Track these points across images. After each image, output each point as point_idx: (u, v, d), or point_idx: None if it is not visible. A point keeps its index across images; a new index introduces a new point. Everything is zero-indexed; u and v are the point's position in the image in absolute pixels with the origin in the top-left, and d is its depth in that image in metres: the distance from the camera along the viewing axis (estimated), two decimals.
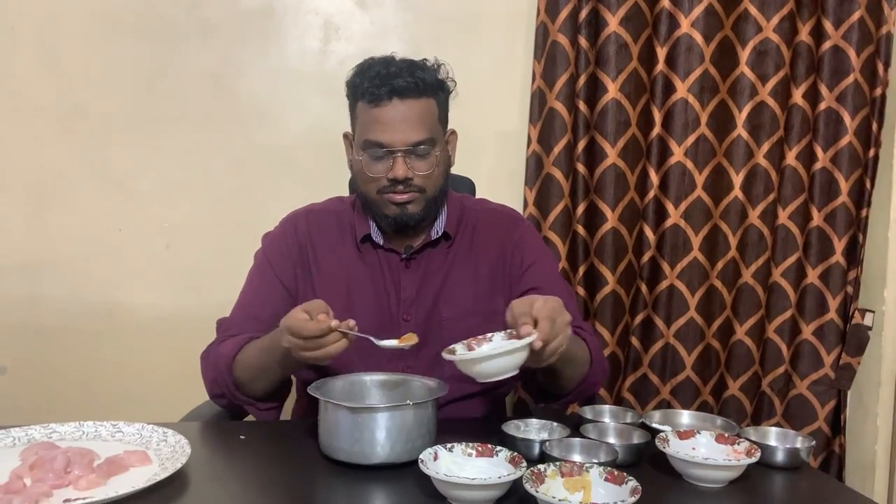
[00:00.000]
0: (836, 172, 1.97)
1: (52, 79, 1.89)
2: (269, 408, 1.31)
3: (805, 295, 2.00)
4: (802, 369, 2.02)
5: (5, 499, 0.88)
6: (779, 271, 2.01)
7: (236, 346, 1.28)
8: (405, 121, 1.28)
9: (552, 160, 1.92)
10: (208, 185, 1.95)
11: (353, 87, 1.31)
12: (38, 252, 1.92)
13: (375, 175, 1.30)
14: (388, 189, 1.30)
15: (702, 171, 1.98)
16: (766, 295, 2.02)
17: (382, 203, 1.32)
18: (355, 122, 1.34)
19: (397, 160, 1.28)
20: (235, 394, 1.28)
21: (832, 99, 1.95)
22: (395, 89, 1.26)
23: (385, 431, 1.03)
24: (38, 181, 1.91)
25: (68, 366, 1.92)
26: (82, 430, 1.13)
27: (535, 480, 0.91)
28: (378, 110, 1.27)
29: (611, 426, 1.17)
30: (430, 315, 1.37)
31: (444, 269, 1.39)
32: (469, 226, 1.43)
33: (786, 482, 1.06)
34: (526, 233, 1.48)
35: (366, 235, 1.39)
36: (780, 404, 2.03)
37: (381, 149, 1.28)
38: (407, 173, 1.28)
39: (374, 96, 1.26)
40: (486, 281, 1.40)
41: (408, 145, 1.28)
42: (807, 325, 2.01)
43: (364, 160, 1.30)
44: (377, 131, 1.27)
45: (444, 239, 1.40)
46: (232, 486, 1.04)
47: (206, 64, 1.92)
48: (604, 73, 1.90)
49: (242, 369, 1.26)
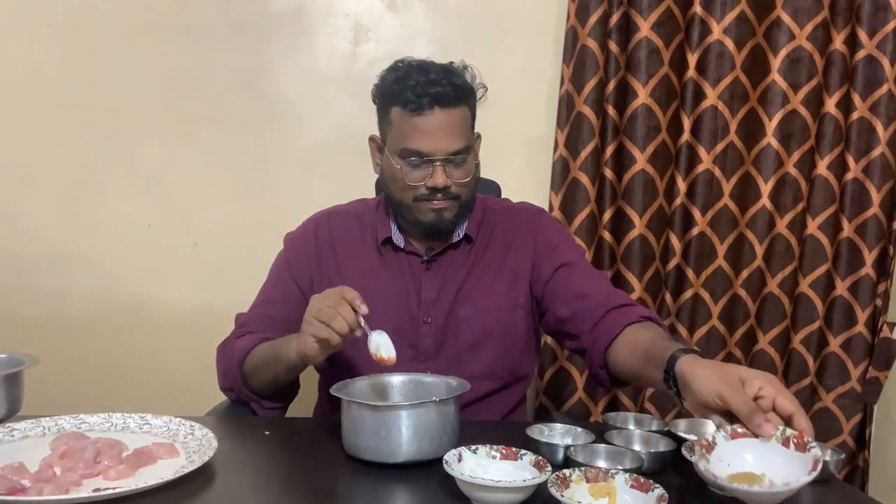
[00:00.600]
0: (867, 183, 1.94)
1: (85, 75, 1.93)
2: (273, 407, 1.34)
3: (833, 307, 1.97)
4: (828, 382, 1.98)
5: (36, 487, 0.90)
6: (806, 282, 1.98)
7: (250, 343, 1.30)
8: (445, 130, 1.27)
9: (579, 165, 1.92)
10: (236, 183, 1.97)
11: (389, 93, 1.29)
12: (67, 247, 1.95)
13: (414, 183, 1.29)
14: (426, 197, 1.30)
15: (729, 179, 1.97)
16: (791, 305, 1.99)
17: (418, 210, 1.32)
18: (388, 128, 1.32)
19: (437, 169, 1.28)
20: (242, 389, 1.30)
21: (865, 108, 1.93)
22: (437, 98, 1.25)
23: (408, 429, 1.03)
24: (68, 176, 1.94)
25: (97, 359, 1.95)
26: (111, 422, 1.14)
27: (560, 485, 0.90)
28: (419, 119, 1.26)
29: (636, 433, 1.16)
30: (448, 316, 1.37)
31: (465, 270, 1.39)
32: (490, 226, 1.43)
33: (814, 495, 1.05)
34: (547, 222, 1.48)
35: (387, 238, 1.39)
36: None
37: (420, 157, 1.28)
38: (446, 182, 1.28)
39: (416, 105, 1.25)
40: (506, 277, 1.40)
41: (447, 154, 1.28)
42: (834, 337, 1.97)
43: (402, 168, 1.29)
44: (417, 140, 1.27)
45: (466, 241, 1.40)
46: (257, 480, 1.05)
47: (236, 64, 1.95)
48: (634, 78, 1.90)
49: (251, 366, 1.29)
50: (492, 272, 1.40)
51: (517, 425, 1.17)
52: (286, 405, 1.37)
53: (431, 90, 1.25)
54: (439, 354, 1.37)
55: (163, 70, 1.94)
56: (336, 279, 1.38)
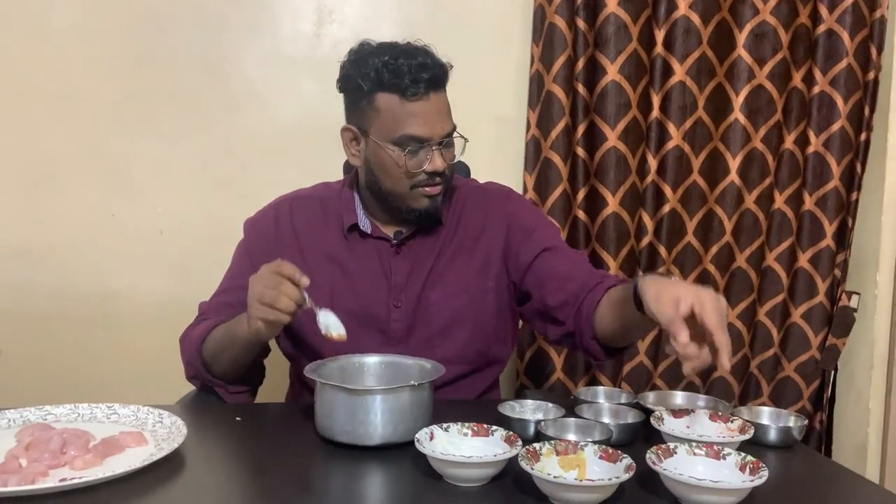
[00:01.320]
0: (828, 156, 1.98)
1: (43, 64, 1.88)
2: (238, 391, 1.32)
3: (796, 279, 2.02)
4: (791, 352, 2.04)
5: (1, 478, 0.88)
6: (772, 256, 2.02)
7: (206, 329, 1.29)
8: (440, 113, 1.28)
9: (550, 144, 1.91)
10: (201, 170, 1.94)
11: (376, 80, 1.25)
12: (30, 238, 1.91)
13: (415, 170, 1.28)
14: (424, 182, 1.29)
15: (698, 156, 1.98)
16: (758, 279, 2.03)
17: (413, 197, 1.31)
18: (373, 115, 1.28)
19: (435, 153, 1.27)
20: (206, 375, 1.29)
21: (826, 83, 1.96)
22: (431, 82, 1.25)
23: (384, 413, 1.03)
24: (29, 167, 1.90)
25: (62, 351, 1.92)
26: (77, 412, 1.13)
27: (530, 459, 0.91)
28: (417, 104, 1.25)
29: (605, 406, 1.17)
30: (419, 299, 1.36)
31: (434, 253, 1.38)
32: (458, 207, 1.42)
33: (778, 460, 1.07)
34: (519, 203, 1.47)
35: (353, 225, 1.38)
36: (768, 386, 2.06)
37: (420, 143, 1.27)
38: (444, 165, 1.28)
39: (413, 91, 1.24)
40: (477, 261, 1.39)
41: (443, 137, 1.28)
42: (796, 308, 2.03)
43: (397, 155, 1.27)
44: (417, 126, 1.26)
45: (435, 223, 1.39)
46: (228, 466, 1.04)
47: (198, 48, 1.91)
48: (603, 55, 1.89)
49: (209, 351, 1.28)
50: (463, 256, 1.39)
51: (490, 403, 1.18)
52: (253, 389, 1.36)
53: (425, 75, 1.24)
54: (410, 338, 1.36)
55: (124, 56, 1.89)
56: (300, 265, 1.34)
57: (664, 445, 0.96)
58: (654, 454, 0.92)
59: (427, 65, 1.25)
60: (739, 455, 0.94)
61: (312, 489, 0.97)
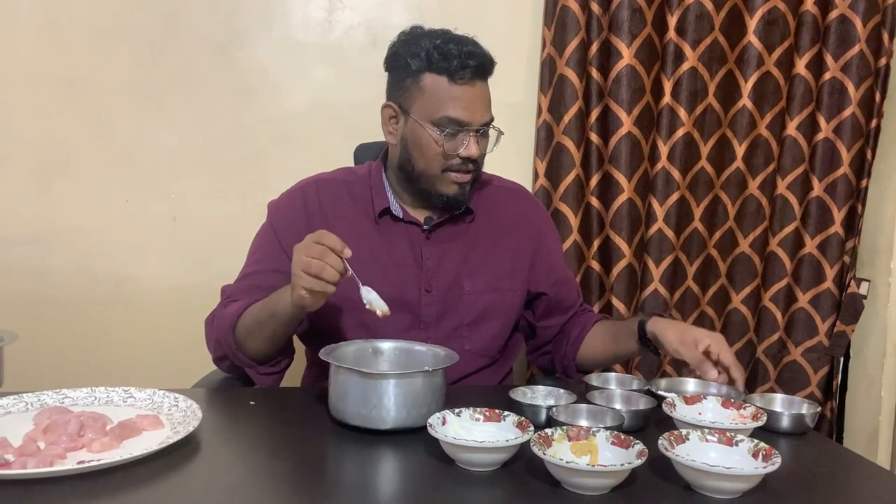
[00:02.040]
0: (838, 143, 1.97)
1: (56, 50, 1.88)
2: (269, 372, 1.32)
3: (802, 264, 2.03)
4: (797, 337, 2.05)
5: (20, 461, 0.89)
6: (776, 241, 2.03)
7: (240, 308, 1.29)
8: (482, 101, 1.31)
9: (562, 129, 1.91)
10: (213, 156, 1.95)
11: (425, 60, 1.28)
12: (44, 224, 1.92)
13: (451, 153, 1.30)
14: (456, 167, 1.31)
15: (707, 142, 1.97)
16: (762, 264, 2.03)
17: (442, 181, 1.33)
18: (417, 94, 1.30)
19: (472, 139, 1.29)
20: (237, 354, 1.29)
21: (837, 69, 1.94)
22: (478, 69, 1.28)
23: (396, 397, 1.04)
24: (43, 153, 1.91)
25: (77, 336, 1.94)
26: (94, 396, 1.14)
27: (542, 444, 0.92)
28: (462, 88, 1.28)
29: (617, 393, 1.18)
30: (451, 287, 1.38)
31: (467, 243, 1.40)
32: (490, 203, 1.45)
33: (791, 447, 1.07)
34: (545, 219, 1.55)
35: (384, 209, 1.38)
36: (774, 370, 2.07)
37: (459, 126, 1.28)
38: (479, 153, 1.31)
39: (460, 74, 1.27)
40: (507, 259, 1.43)
41: (482, 125, 1.31)
42: (803, 293, 2.03)
43: (436, 136, 1.29)
44: (460, 109, 1.28)
45: (466, 213, 1.41)
46: (243, 449, 1.05)
47: (210, 34, 1.91)
48: (618, 39, 1.88)
49: (244, 328, 1.27)
50: (496, 251, 1.42)
51: (501, 389, 1.19)
52: (282, 370, 1.35)
53: (473, 62, 1.27)
54: (440, 325, 1.38)
55: (136, 43, 1.90)
56: None
57: (676, 432, 0.96)
58: (667, 440, 0.93)
59: (476, 53, 1.29)
60: (752, 442, 0.94)
61: (326, 472, 0.98)
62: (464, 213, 1.40)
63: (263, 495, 0.89)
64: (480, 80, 1.30)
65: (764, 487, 0.89)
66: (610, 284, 1.97)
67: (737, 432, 0.97)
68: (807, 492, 0.94)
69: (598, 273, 1.98)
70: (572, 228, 1.93)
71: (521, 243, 1.44)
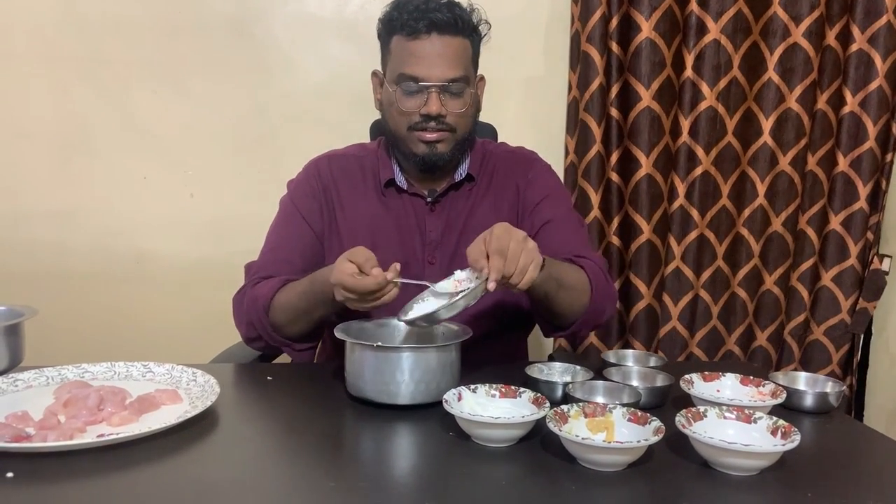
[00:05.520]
0: (863, 116, 1.92)
1: (74, 27, 1.89)
2: (305, 348, 1.32)
3: (827, 242, 1.99)
4: (820, 315, 2.02)
5: (41, 434, 0.91)
6: (805, 218, 1.99)
7: (273, 288, 1.28)
8: (442, 56, 1.26)
9: (584, 105, 1.89)
10: (230, 132, 1.95)
11: (389, 22, 1.29)
12: (64, 200, 1.94)
13: (408, 110, 1.28)
14: (420, 126, 1.29)
15: (732, 117, 1.94)
16: (794, 243, 1.99)
17: (411, 140, 1.31)
18: (388, 57, 1.32)
19: (431, 96, 1.26)
20: (273, 335, 1.28)
21: (864, 41, 1.89)
22: (434, 23, 1.25)
23: (411, 371, 1.04)
24: (62, 130, 1.92)
25: (97, 311, 1.96)
26: (114, 370, 1.15)
27: (558, 420, 0.91)
28: (415, 43, 1.26)
29: (634, 370, 1.17)
30: (454, 257, 1.37)
31: (468, 211, 1.39)
32: (489, 168, 1.43)
33: (813, 426, 1.06)
34: (540, 170, 1.47)
35: (389, 180, 1.38)
36: (798, 350, 2.04)
37: (415, 83, 1.26)
38: (440, 110, 1.27)
39: (413, 29, 1.25)
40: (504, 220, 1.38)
41: (443, 81, 1.26)
42: (826, 271, 2.00)
43: (397, 94, 1.28)
44: (413, 65, 1.26)
45: (468, 181, 1.40)
46: (261, 424, 1.06)
47: (227, 11, 1.90)
48: (637, 12, 1.85)
49: (281, 311, 1.26)
50: (493, 214, 1.39)
51: (517, 366, 1.18)
52: (316, 344, 1.36)
53: (429, 15, 1.25)
54: None
55: (154, 20, 1.90)
56: (342, 222, 1.38)
57: (694, 409, 0.95)
58: (684, 417, 0.92)
59: (435, 8, 1.25)
60: (771, 419, 0.93)
61: (342, 447, 0.98)
62: (465, 180, 1.39)
63: (280, 469, 0.90)
64: (442, 35, 1.25)
65: (782, 465, 0.88)
66: (629, 261, 1.95)
67: (755, 409, 0.95)
68: (826, 470, 0.92)
69: (618, 249, 1.96)
70: (593, 205, 1.92)
71: (515, 199, 1.41)
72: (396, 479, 0.88)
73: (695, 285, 1.98)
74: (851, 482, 0.89)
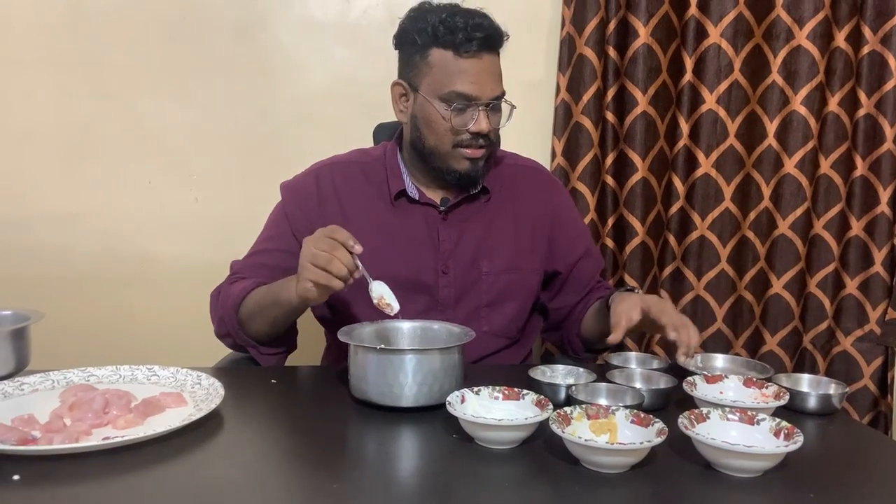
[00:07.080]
0: (880, 118, 1.89)
1: (79, 31, 1.90)
2: (271, 353, 1.33)
3: (849, 247, 1.93)
4: (846, 325, 1.95)
5: (46, 437, 0.91)
6: (821, 223, 1.94)
7: (246, 288, 1.29)
8: (491, 74, 1.28)
9: (581, 109, 1.89)
10: (234, 136, 1.96)
11: (431, 35, 1.26)
12: (69, 204, 1.95)
13: (460, 128, 1.28)
14: (466, 143, 1.30)
15: (734, 119, 1.93)
16: (805, 248, 1.96)
17: (453, 157, 1.31)
18: (425, 70, 1.29)
19: (481, 114, 1.27)
20: (239, 333, 1.30)
21: (876, 41, 1.87)
22: (485, 42, 1.25)
23: (414, 374, 1.04)
24: (67, 133, 1.93)
25: (102, 315, 1.97)
26: (119, 374, 1.16)
27: (561, 422, 0.91)
28: (468, 62, 1.26)
29: (637, 372, 1.17)
30: (469, 268, 1.37)
31: (484, 223, 1.39)
32: (506, 181, 1.43)
33: (817, 427, 1.06)
34: (565, 198, 1.52)
35: (400, 191, 1.37)
36: (823, 361, 1.97)
37: (467, 101, 1.27)
38: (489, 127, 1.29)
39: (466, 48, 1.24)
40: (525, 239, 1.41)
41: (492, 99, 1.28)
42: (851, 279, 1.94)
43: (444, 111, 1.28)
44: (467, 83, 1.26)
45: (481, 193, 1.40)
46: (264, 426, 1.06)
47: (230, 15, 1.91)
48: (634, 18, 1.85)
49: (247, 310, 1.28)
50: (514, 231, 1.41)
51: (520, 368, 1.18)
52: (285, 352, 1.37)
53: (479, 34, 1.25)
54: (458, 306, 1.37)
55: (158, 24, 1.90)
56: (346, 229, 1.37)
57: (697, 410, 0.95)
58: (687, 419, 0.92)
59: (483, 25, 1.26)
60: (774, 421, 0.93)
61: (346, 449, 0.99)
62: (480, 192, 1.39)
63: (284, 471, 0.90)
64: (488, 53, 1.27)
65: (785, 467, 0.88)
66: (623, 262, 1.96)
67: (758, 411, 0.96)
68: (829, 471, 0.93)
69: (612, 250, 1.97)
70: (589, 207, 1.93)
71: (539, 222, 1.43)
72: (400, 482, 0.88)
73: (695, 287, 1.97)
74: (854, 484, 0.89)
